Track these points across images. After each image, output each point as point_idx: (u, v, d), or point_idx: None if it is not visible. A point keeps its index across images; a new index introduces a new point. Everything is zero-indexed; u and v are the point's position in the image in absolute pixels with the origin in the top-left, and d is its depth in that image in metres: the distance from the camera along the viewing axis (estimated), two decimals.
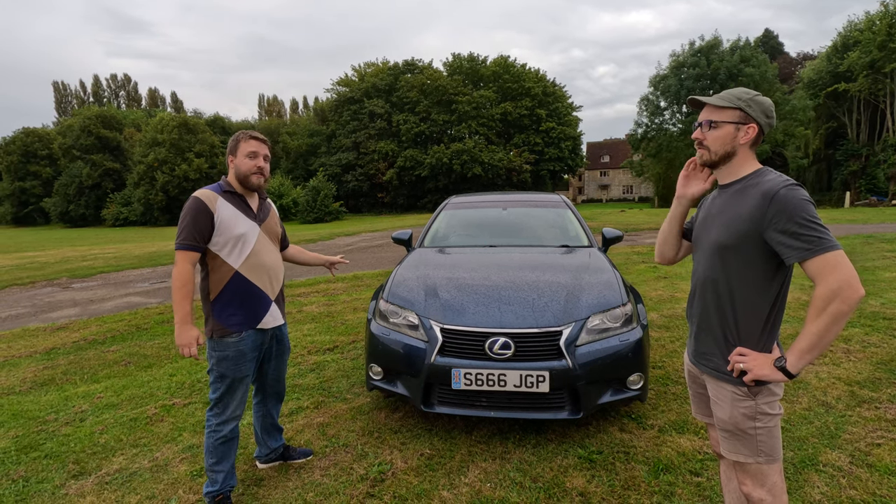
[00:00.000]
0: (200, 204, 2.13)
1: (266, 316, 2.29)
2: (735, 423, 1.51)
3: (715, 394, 1.59)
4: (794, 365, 1.37)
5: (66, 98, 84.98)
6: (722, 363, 1.54)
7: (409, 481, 2.46)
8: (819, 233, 1.33)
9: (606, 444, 2.74)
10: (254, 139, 2.27)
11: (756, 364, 1.44)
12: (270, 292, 2.32)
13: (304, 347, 4.65)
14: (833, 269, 1.31)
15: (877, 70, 35.24)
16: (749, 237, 1.44)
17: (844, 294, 1.29)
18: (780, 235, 1.37)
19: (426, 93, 49.15)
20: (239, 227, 2.20)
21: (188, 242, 2.11)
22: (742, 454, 1.52)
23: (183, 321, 2.10)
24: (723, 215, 1.53)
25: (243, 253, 2.21)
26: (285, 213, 42.13)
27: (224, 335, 2.19)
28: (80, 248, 19.59)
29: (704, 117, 1.54)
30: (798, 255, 1.35)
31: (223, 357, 2.20)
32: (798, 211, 1.34)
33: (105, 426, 3.19)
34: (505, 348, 2.61)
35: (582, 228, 4.25)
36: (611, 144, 75.41)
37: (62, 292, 8.74)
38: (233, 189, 2.26)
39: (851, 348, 4.10)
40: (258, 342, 2.30)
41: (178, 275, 2.11)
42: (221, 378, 2.21)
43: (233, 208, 2.21)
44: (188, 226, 2.11)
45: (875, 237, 11.30)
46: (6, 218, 61.28)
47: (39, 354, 4.89)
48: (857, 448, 2.62)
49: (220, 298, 2.20)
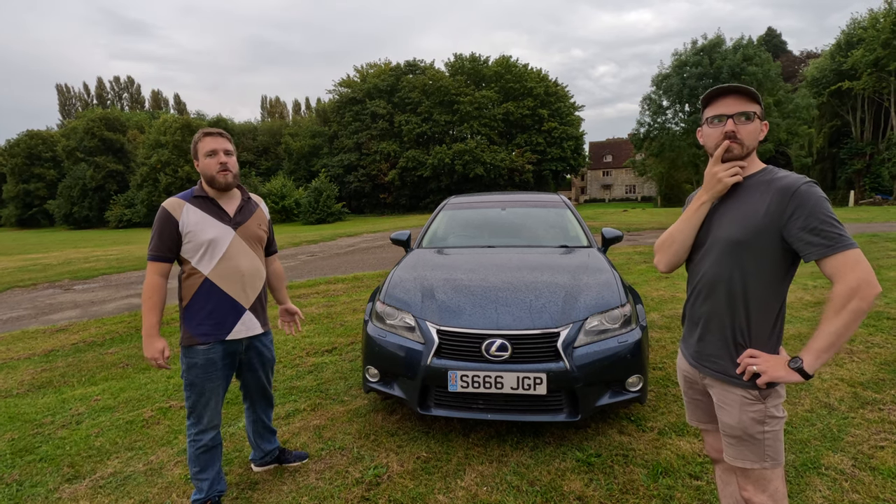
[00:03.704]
0: (164, 213, 2.10)
1: (237, 325, 2.21)
2: (744, 429, 1.47)
3: (721, 398, 1.53)
4: (811, 365, 1.34)
5: (69, 100, 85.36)
6: (729, 366, 1.49)
7: (405, 485, 2.43)
8: (839, 230, 1.32)
9: (605, 447, 2.70)
10: (208, 136, 2.17)
11: (770, 366, 1.40)
12: (244, 300, 2.23)
13: (303, 349, 4.63)
14: (853, 266, 1.30)
15: (881, 68, 35.01)
16: (765, 233, 1.40)
17: (864, 291, 1.28)
18: (801, 232, 1.35)
19: (428, 93, 49.10)
20: (207, 233, 2.12)
21: (155, 253, 2.10)
22: (749, 460, 1.48)
23: (148, 333, 2.08)
24: (736, 211, 1.47)
25: (213, 258, 2.14)
26: (287, 215, 42.23)
27: (192, 344, 2.14)
28: (83, 249, 19.66)
29: (738, 108, 1.44)
30: (818, 253, 1.33)
31: (192, 365, 2.15)
32: (819, 208, 1.33)
33: (101, 429, 3.17)
34: (502, 350, 2.58)
35: (581, 228, 4.22)
36: (613, 144, 75.21)
37: (63, 294, 8.76)
38: (204, 193, 2.18)
39: (855, 349, 4.05)
40: (230, 351, 2.23)
41: (146, 286, 2.10)
42: (192, 386, 2.17)
43: (201, 213, 2.14)
44: (154, 236, 2.11)
45: (880, 236, 11.22)
46: (10, 220, 61.66)
47: (38, 356, 4.88)
48: (860, 451, 2.58)
49: (190, 306, 2.16)
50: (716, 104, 1.49)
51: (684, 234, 1.58)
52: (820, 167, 43.39)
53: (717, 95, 1.48)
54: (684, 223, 1.58)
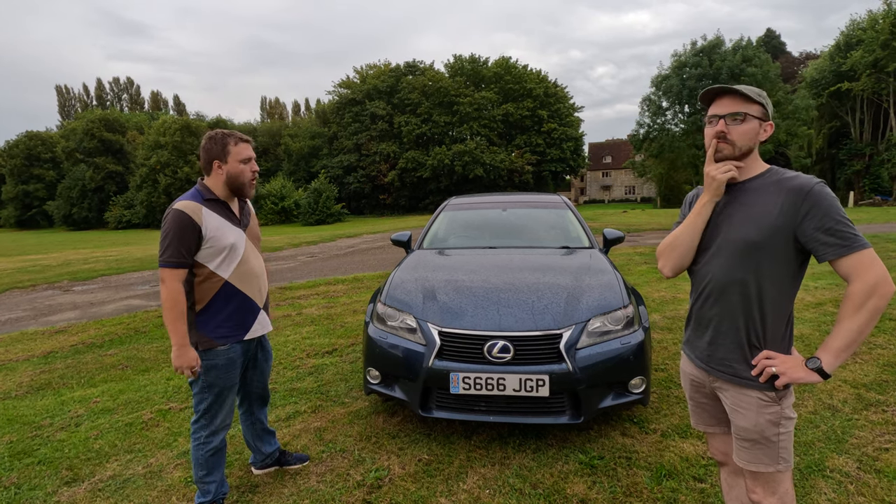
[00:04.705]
0: (185, 218, 1.99)
1: (255, 324, 2.23)
2: (760, 431, 1.45)
3: (736, 402, 1.50)
4: (830, 364, 1.34)
5: (69, 101, 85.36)
6: (743, 368, 1.47)
7: (407, 488, 2.41)
8: (853, 230, 1.33)
9: (608, 450, 2.69)
10: (244, 142, 2.13)
11: (787, 367, 1.39)
12: (259, 300, 2.26)
13: (303, 350, 4.61)
14: (870, 265, 1.31)
15: (880, 69, 35.06)
16: (779, 233, 1.39)
17: (882, 290, 1.30)
18: (816, 232, 1.34)
19: (428, 94, 49.10)
20: (228, 237, 2.09)
21: (175, 259, 1.98)
22: (763, 463, 1.47)
23: (181, 343, 1.99)
24: (747, 213, 1.45)
25: (233, 263, 2.12)
26: (287, 216, 42.20)
27: (210, 347, 2.11)
28: (82, 250, 19.62)
29: (730, 109, 1.44)
30: (834, 252, 1.33)
31: (212, 366, 2.12)
32: (833, 208, 1.34)
33: (100, 431, 3.15)
34: (504, 352, 2.57)
35: (582, 229, 4.20)
36: (613, 145, 75.30)
37: (62, 295, 8.73)
38: (215, 196, 2.12)
39: (858, 350, 4.04)
40: (246, 349, 2.25)
41: (168, 294, 1.98)
42: (209, 388, 2.13)
43: (219, 217, 2.09)
44: (173, 242, 1.98)
45: (880, 237, 11.21)
46: (10, 221, 61.58)
47: (37, 358, 4.86)
48: (865, 453, 2.56)
49: (207, 310, 2.10)
50: (714, 104, 1.50)
51: (689, 236, 1.55)
52: (819, 168, 43.43)
53: (714, 96, 1.50)
54: (688, 226, 1.55)
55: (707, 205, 1.52)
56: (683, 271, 1.65)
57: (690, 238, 1.56)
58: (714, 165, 1.49)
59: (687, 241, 1.56)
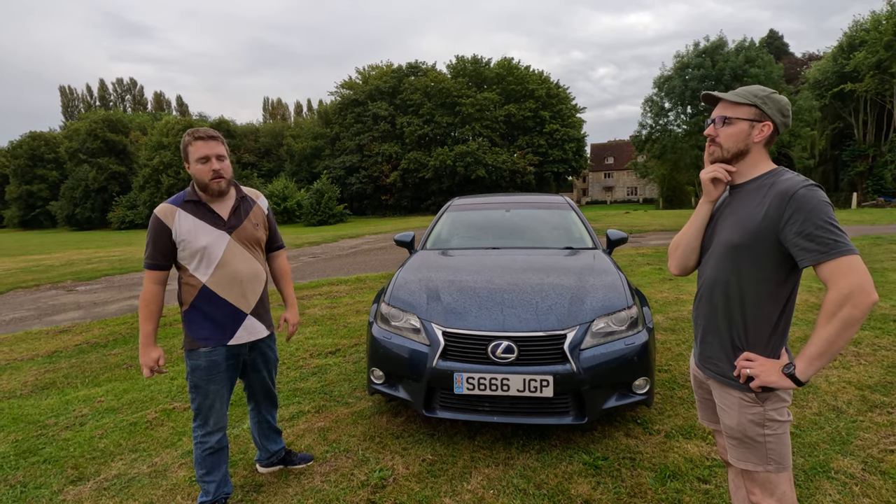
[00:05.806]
0: (157, 221, 2.05)
1: (239, 331, 2.17)
2: (743, 431, 1.47)
3: (721, 400, 1.54)
4: (803, 372, 1.33)
5: (72, 102, 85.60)
6: (728, 368, 1.49)
7: (411, 488, 2.42)
8: (835, 236, 1.29)
9: (612, 450, 2.69)
10: (199, 140, 2.04)
11: (763, 370, 1.39)
12: (244, 306, 2.18)
13: (307, 351, 4.62)
14: (846, 273, 1.27)
15: (883, 70, 34.92)
16: (763, 237, 1.39)
17: (856, 299, 1.25)
18: (796, 237, 1.33)
19: (430, 95, 49.11)
20: (200, 240, 2.06)
21: (150, 261, 2.08)
22: (751, 462, 1.48)
23: (145, 342, 2.08)
24: (736, 214, 1.48)
25: (210, 266, 2.09)
26: (289, 216, 42.21)
27: (193, 347, 2.13)
28: (85, 250, 19.68)
29: (718, 114, 1.51)
30: (812, 258, 1.31)
31: (195, 367, 2.13)
32: (816, 212, 1.30)
33: (105, 430, 3.16)
34: (508, 352, 2.57)
35: (586, 230, 4.20)
36: (615, 146, 75.16)
37: (66, 295, 8.76)
38: (196, 198, 2.10)
39: (861, 351, 4.02)
40: (233, 353, 2.20)
41: (143, 295, 2.09)
42: (196, 388, 2.15)
43: (193, 219, 2.07)
44: (149, 244, 2.07)
45: (884, 238, 11.17)
46: (13, 221, 61.77)
47: (41, 358, 4.88)
48: (870, 454, 2.56)
49: (189, 311, 2.14)
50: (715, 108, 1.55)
51: (687, 236, 1.62)
52: (822, 169, 43.32)
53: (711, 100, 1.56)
54: (688, 226, 1.63)
55: (702, 206, 1.58)
56: (692, 271, 1.68)
57: (689, 238, 1.61)
58: (706, 167, 1.55)
59: (686, 241, 1.63)
